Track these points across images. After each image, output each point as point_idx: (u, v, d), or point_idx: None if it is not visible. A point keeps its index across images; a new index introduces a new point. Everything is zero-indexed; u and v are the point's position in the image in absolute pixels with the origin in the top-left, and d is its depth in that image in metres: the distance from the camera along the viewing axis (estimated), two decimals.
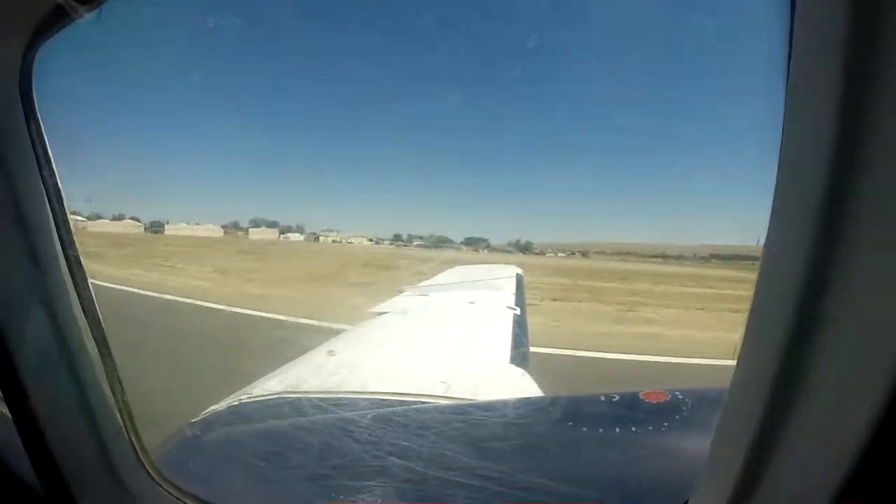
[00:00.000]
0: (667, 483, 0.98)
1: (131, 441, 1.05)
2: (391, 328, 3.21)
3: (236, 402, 1.71)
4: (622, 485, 1.03)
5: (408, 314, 3.60)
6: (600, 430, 1.11)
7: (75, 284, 0.95)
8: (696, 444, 1.00)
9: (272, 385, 1.91)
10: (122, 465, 1.03)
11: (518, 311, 3.53)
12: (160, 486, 1.06)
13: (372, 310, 3.72)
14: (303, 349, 2.45)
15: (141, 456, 1.06)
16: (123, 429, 1.04)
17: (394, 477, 1.17)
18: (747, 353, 0.56)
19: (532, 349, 2.80)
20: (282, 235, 20.78)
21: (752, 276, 0.56)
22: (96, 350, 0.99)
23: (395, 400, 1.73)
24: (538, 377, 2.15)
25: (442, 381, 1.97)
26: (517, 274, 5.22)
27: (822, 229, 0.46)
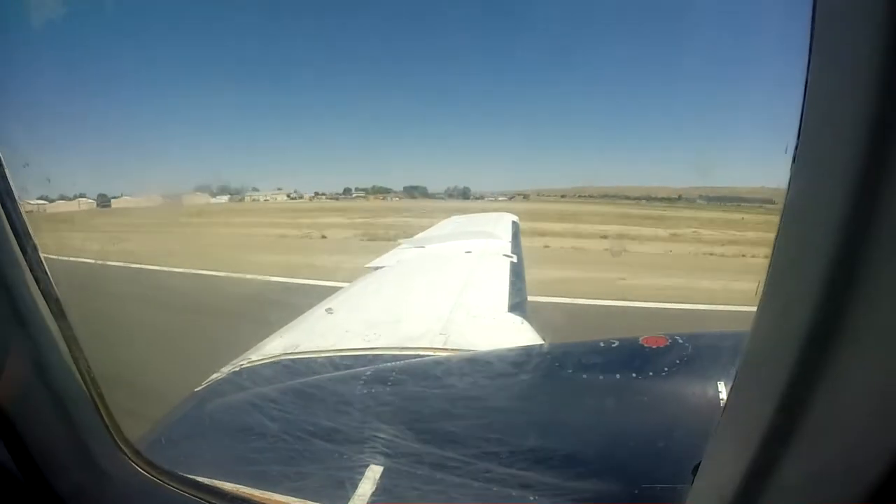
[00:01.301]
0: (670, 430, 0.99)
1: (102, 418, 1.02)
2: (388, 282, 3.20)
3: (237, 369, 1.72)
4: (626, 434, 1.04)
5: (404, 267, 3.58)
6: (601, 377, 1.10)
7: (28, 262, 0.90)
8: (697, 389, 1.00)
9: (272, 347, 1.91)
10: (94, 443, 1.01)
11: (515, 259, 3.52)
12: (134, 462, 1.04)
13: (368, 265, 3.70)
14: None
15: (113, 433, 1.04)
16: (94, 405, 1.01)
17: (396, 432, 1.18)
18: (772, 302, 0.52)
19: None
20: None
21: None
22: (56, 327, 0.94)
23: (395, 354, 1.74)
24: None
25: (441, 333, 1.97)
26: (513, 221, 5.17)
27: (857, 182, 0.40)
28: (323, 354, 1.79)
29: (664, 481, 0.93)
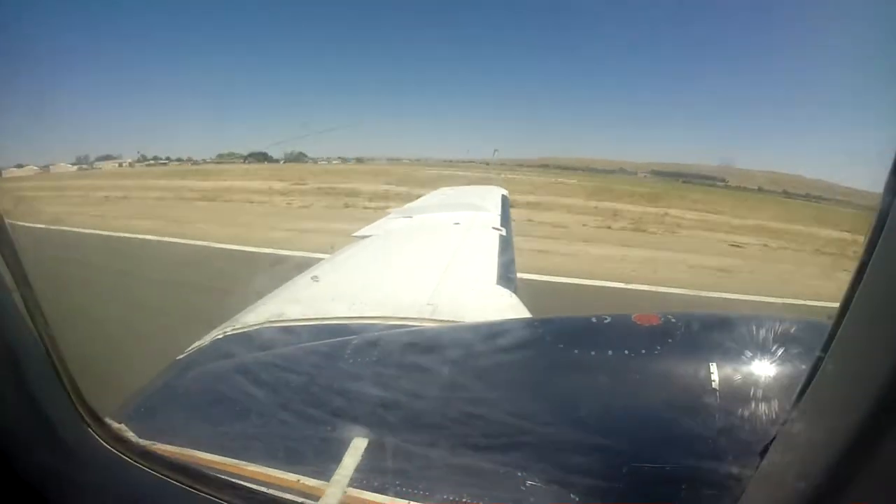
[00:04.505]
0: (663, 410, 0.99)
1: (66, 388, 0.96)
2: (376, 251, 3.15)
3: (220, 336, 1.67)
4: (617, 412, 1.04)
5: (392, 237, 3.53)
6: (592, 353, 1.09)
7: None
8: (689, 369, 0.99)
9: (257, 315, 1.86)
10: (57, 417, 0.95)
11: (504, 232, 3.49)
12: (102, 439, 0.99)
13: (356, 234, 3.64)
14: None
15: (78, 405, 0.97)
16: (55, 373, 0.94)
17: (381, 403, 1.16)
18: (866, 304, 0.52)
19: None
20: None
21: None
22: (16, 290, 0.87)
23: (382, 324, 1.71)
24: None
25: (428, 304, 1.95)
26: (502, 195, 5.12)
27: None
28: (308, 323, 1.76)
29: (656, 461, 0.93)
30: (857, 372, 0.55)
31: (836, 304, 0.57)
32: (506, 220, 4.01)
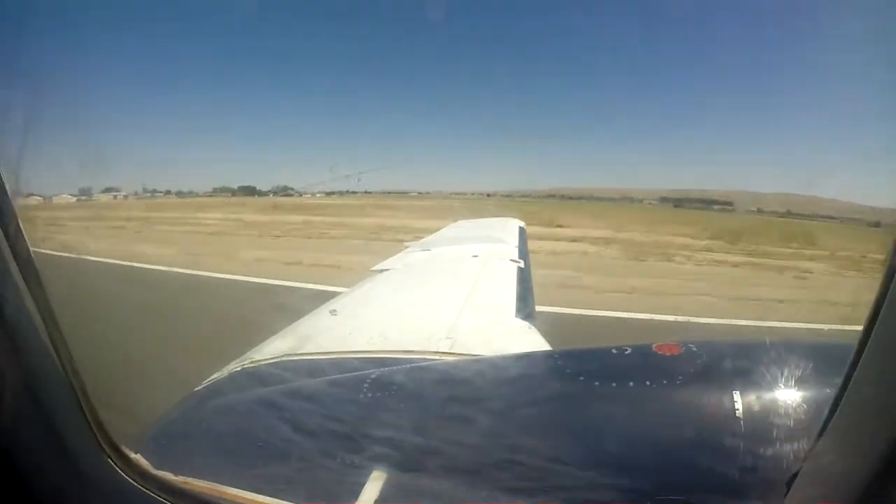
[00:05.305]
0: (687, 440, 0.95)
1: (85, 415, 0.96)
2: (394, 285, 3.17)
3: (238, 369, 1.69)
4: (641, 443, 1.01)
5: (410, 270, 3.56)
6: (613, 385, 1.07)
7: (14, 252, 0.86)
8: (714, 398, 0.96)
9: (275, 348, 1.88)
10: (76, 443, 0.95)
11: (522, 264, 3.48)
12: (118, 467, 0.99)
13: (374, 268, 3.68)
14: None
15: (97, 432, 0.98)
16: (76, 400, 0.95)
17: (400, 437, 1.14)
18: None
19: None
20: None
21: None
22: (40, 319, 0.89)
23: (400, 358, 1.70)
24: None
25: (447, 337, 1.94)
26: (520, 226, 5.14)
27: None
28: (326, 356, 1.76)
29: (682, 494, 0.89)
30: (883, 396, 0.52)
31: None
32: (523, 251, 4.00)
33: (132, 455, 1.05)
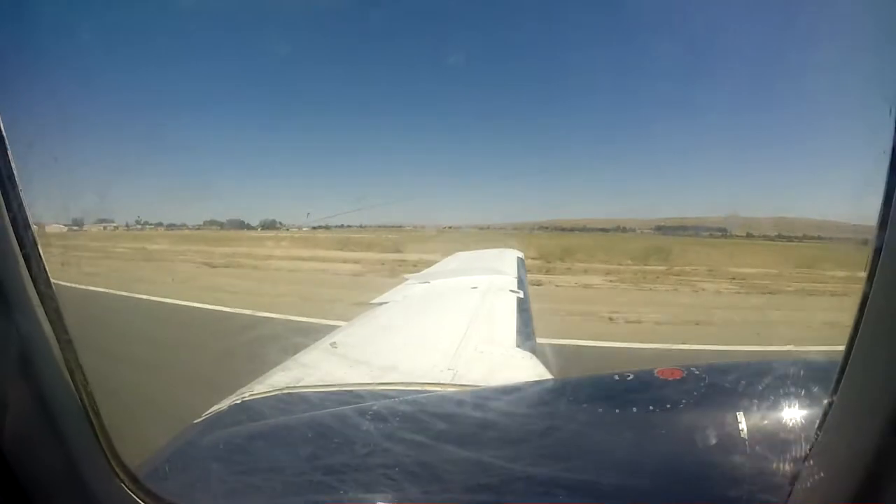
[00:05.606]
0: (692, 464, 0.95)
1: (99, 440, 0.97)
2: (394, 317, 3.17)
3: (238, 401, 1.68)
4: (646, 468, 1.00)
5: (410, 302, 3.56)
6: (616, 411, 1.07)
7: (34, 280, 0.88)
8: (718, 420, 0.96)
9: (276, 380, 1.87)
10: (88, 467, 0.96)
11: (521, 294, 3.49)
12: (132, 493, 0.99)
13: (374, 301, 3.68)
14: None
15: (110, 457, 0.98)
16: (90, 425, 0.96)
17: (402, 470, 1.13)
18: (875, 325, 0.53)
19: None
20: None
21: None
22: (59, 348, 0.91)
23: (402, 390, 1.69)
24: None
25: (448, 369, 1.93)
26: (518, 257, 5.18)
27: None
28: (327, 389, 1.75)
29: None
30: (866, 407, 0.54)
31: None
32: (523, 282, 4.02)
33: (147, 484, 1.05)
